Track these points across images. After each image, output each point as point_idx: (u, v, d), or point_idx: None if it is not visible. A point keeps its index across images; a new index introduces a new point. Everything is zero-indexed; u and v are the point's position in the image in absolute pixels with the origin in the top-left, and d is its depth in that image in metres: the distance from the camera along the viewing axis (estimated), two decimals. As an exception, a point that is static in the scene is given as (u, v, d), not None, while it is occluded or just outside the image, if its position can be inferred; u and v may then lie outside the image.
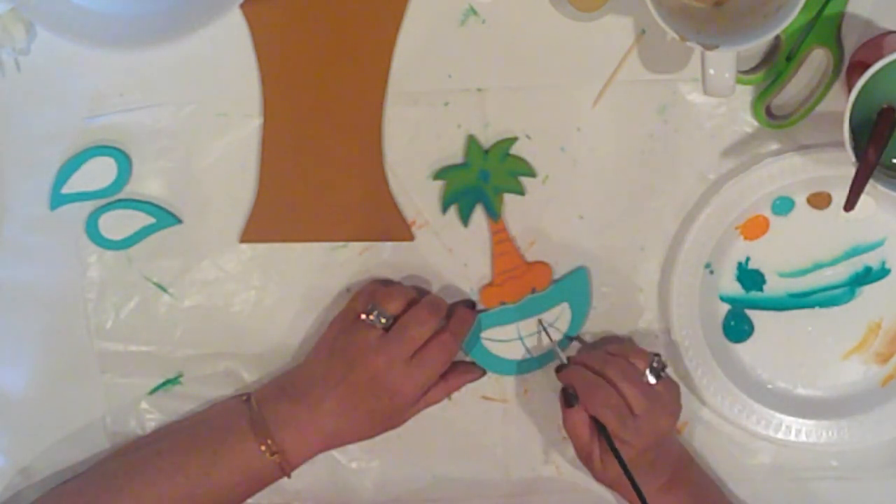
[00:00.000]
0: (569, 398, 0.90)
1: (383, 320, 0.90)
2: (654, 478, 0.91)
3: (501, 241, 0.95)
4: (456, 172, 0.94)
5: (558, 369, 0.94)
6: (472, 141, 0.93)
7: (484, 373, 0.97)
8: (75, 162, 0.92)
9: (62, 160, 0.92)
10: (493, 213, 0.94)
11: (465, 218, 0.95)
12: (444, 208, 0.94)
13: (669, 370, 0.93)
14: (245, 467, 0.90)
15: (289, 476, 0.91)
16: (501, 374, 0.98)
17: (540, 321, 0.96)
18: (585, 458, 0.91)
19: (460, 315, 0.94)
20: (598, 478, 0.92)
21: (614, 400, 0.88)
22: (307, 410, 0.90)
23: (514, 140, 0.93)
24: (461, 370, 0.96)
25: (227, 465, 0.90)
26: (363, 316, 0.91)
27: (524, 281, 0.96)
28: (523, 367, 0.98)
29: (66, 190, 0.93)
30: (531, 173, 0.94)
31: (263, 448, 0.89)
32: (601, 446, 0.90)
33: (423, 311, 0.91)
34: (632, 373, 0.90)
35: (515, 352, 0.97)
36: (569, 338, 0.97)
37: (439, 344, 0.91)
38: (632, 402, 0.88)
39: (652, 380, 0.90)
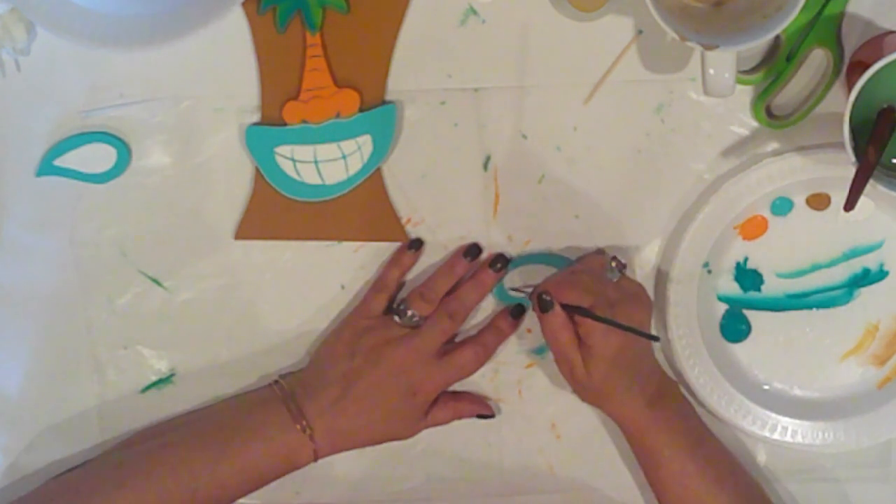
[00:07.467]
0: (544, 304, 0.87)
1: (416, 320, 0.91)
2: (638, 391, 0.90)
3: (316, 55, 0.91)
4: None
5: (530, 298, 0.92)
6: None
7: (493, 414, 0.97)
8: (74, 141, 0.92)
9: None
10: (312, 25, 0.90)
11: (281, 24, 0.90)
12: (262, 9, 0.90)
13: (629, 272, 0.94)
14: (266, 453, 0.89)
15: (315, 460, 0.91)
16: (291, 196, 0.94)
17: (516, 290, 0.94)
18: (568, 368, 0.89)
19: (498, 326, 0.94)
20: (582, 390, 0.90)
21: (591, 285, 0.88)
22: (316, 411, 0.90)
23: None
24: (474, 399, 0.96)
25: (244, 456, 0.89)
26: (395, 318, 0.92)
27: (330, 103, 0.92)
28: (320, 192, 0.94)
29: (58, 163, 0.93)
30: None
31: (299, 427, 0.89)
32: (582, 352, 0.88)
33: (456, 306, 0.92)
34: (598, 272, 0.90)
35: (311, 175, 0.94)
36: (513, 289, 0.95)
37: (473, 349, 0.92)
38: (605, 294, 0.88)
39: (614, 277, 0.90)
